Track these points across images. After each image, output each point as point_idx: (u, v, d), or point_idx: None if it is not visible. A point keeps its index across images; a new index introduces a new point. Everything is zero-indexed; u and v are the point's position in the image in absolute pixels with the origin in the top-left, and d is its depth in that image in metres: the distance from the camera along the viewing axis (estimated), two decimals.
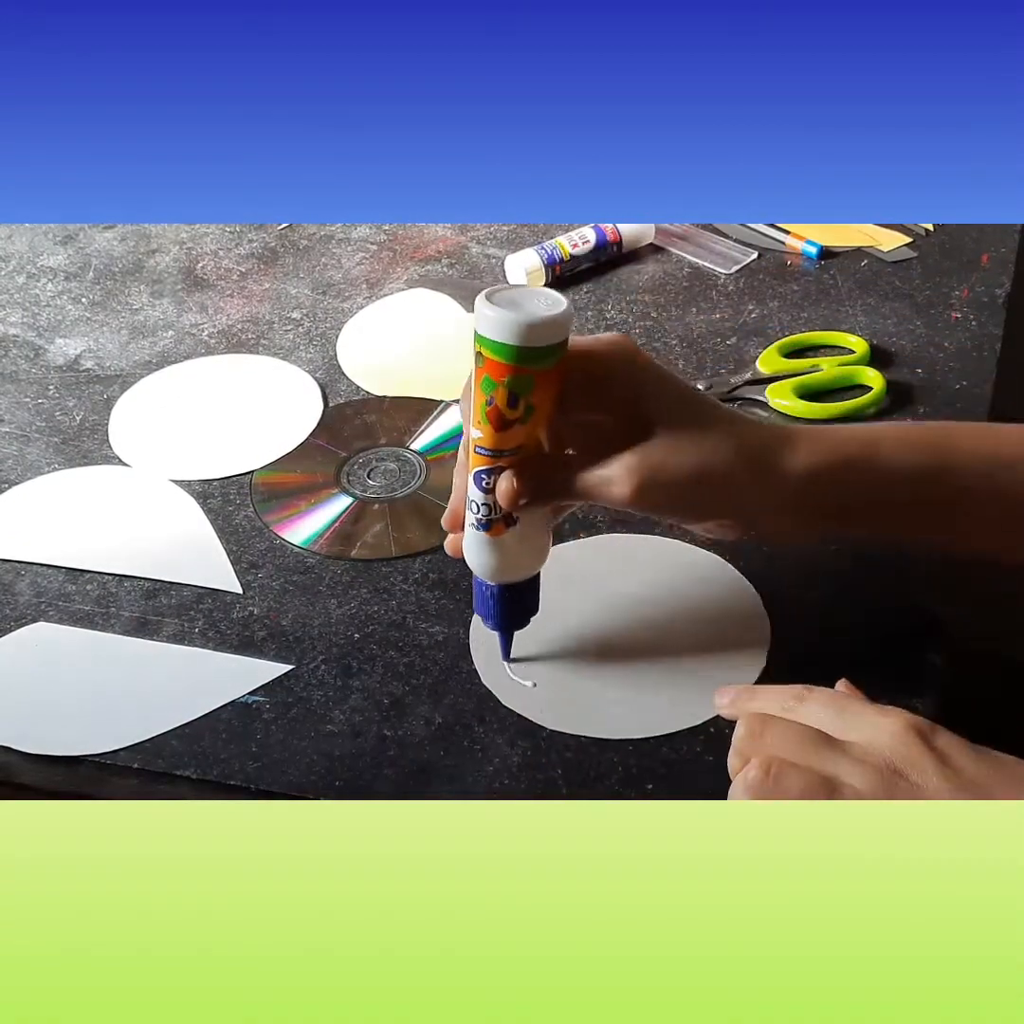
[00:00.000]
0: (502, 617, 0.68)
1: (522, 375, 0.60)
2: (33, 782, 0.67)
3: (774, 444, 0.64)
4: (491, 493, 0.63)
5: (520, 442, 0.62)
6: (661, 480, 0.62)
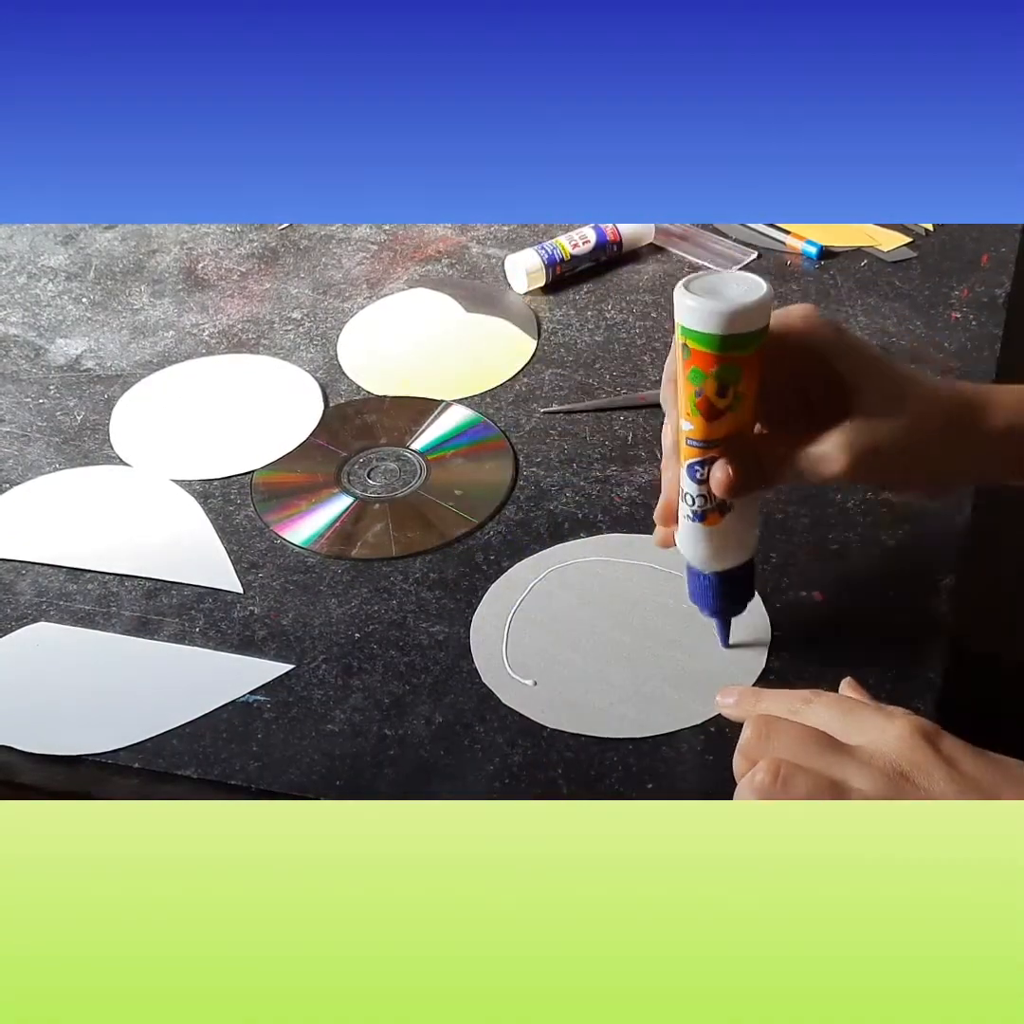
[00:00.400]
0: (719, 604, 0.68)
1: (731, 363, 0.60)
2: (33, 782, 0.67)
3: (974, 404, 0.64)
4: (705, 484, 0.63)
5: (730, 430, 0.62)
6: (873, 453, 0.62)
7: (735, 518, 0.65)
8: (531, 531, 0.79)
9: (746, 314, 0.59)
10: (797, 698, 0.61)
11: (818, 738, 0.57)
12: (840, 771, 0.55)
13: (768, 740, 0.58)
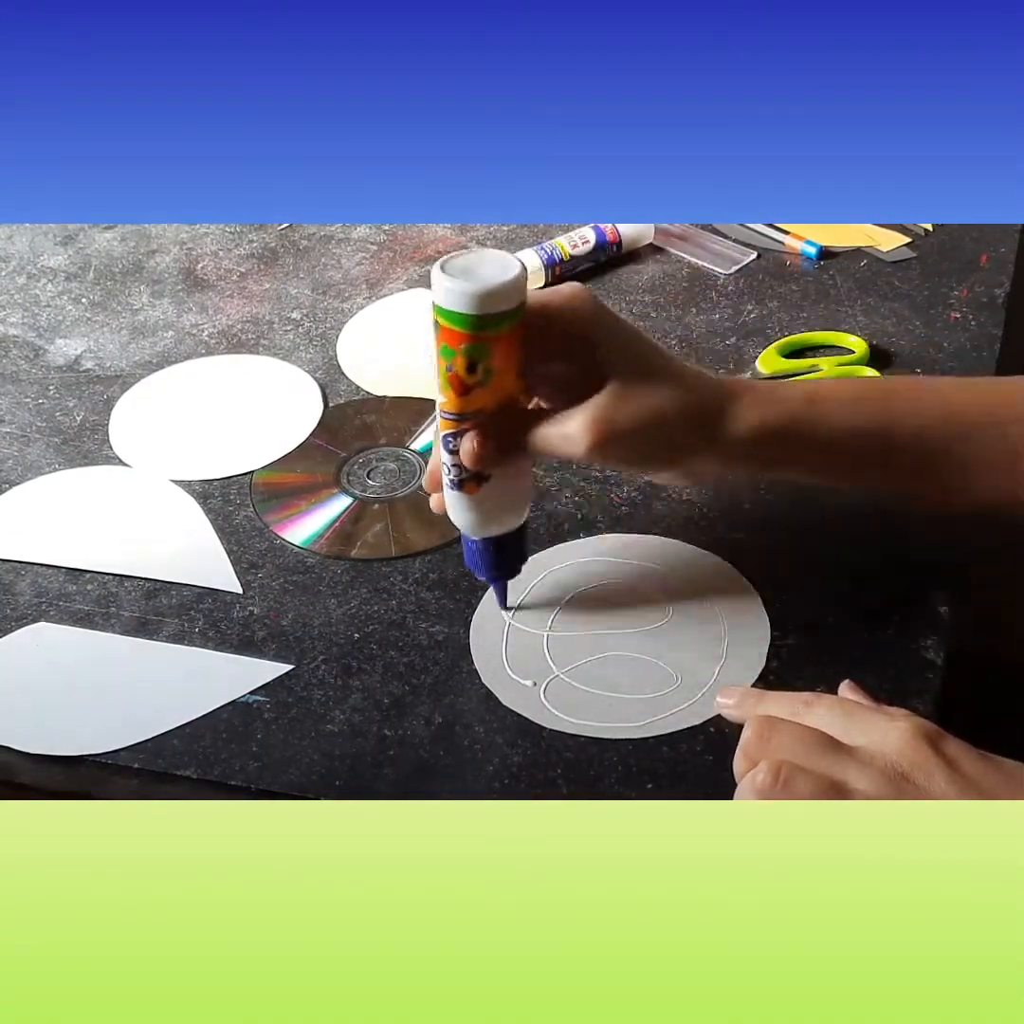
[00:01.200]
0: (490, 568, 0.71)
1: (479, 342, 0.61)
2: (33, 782, 0.67)
3: (721, 399, 0.65)
4: (458, 454, 0.65)
5: (482, 405, 0.64)
6: (614, 434, 0.63)
7: (494, 488, 0.66)
8: (531, 531, 0.79)
9: (493, 294, 0.60)
10: (798, 700, 0.61)
11: (819, 739, 0.57)
12: (841, 771, 0.55)
13: (769, 741, 0.58)
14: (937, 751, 0.55)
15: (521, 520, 0.70)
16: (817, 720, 0.59)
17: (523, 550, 0.71)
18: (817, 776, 0.55)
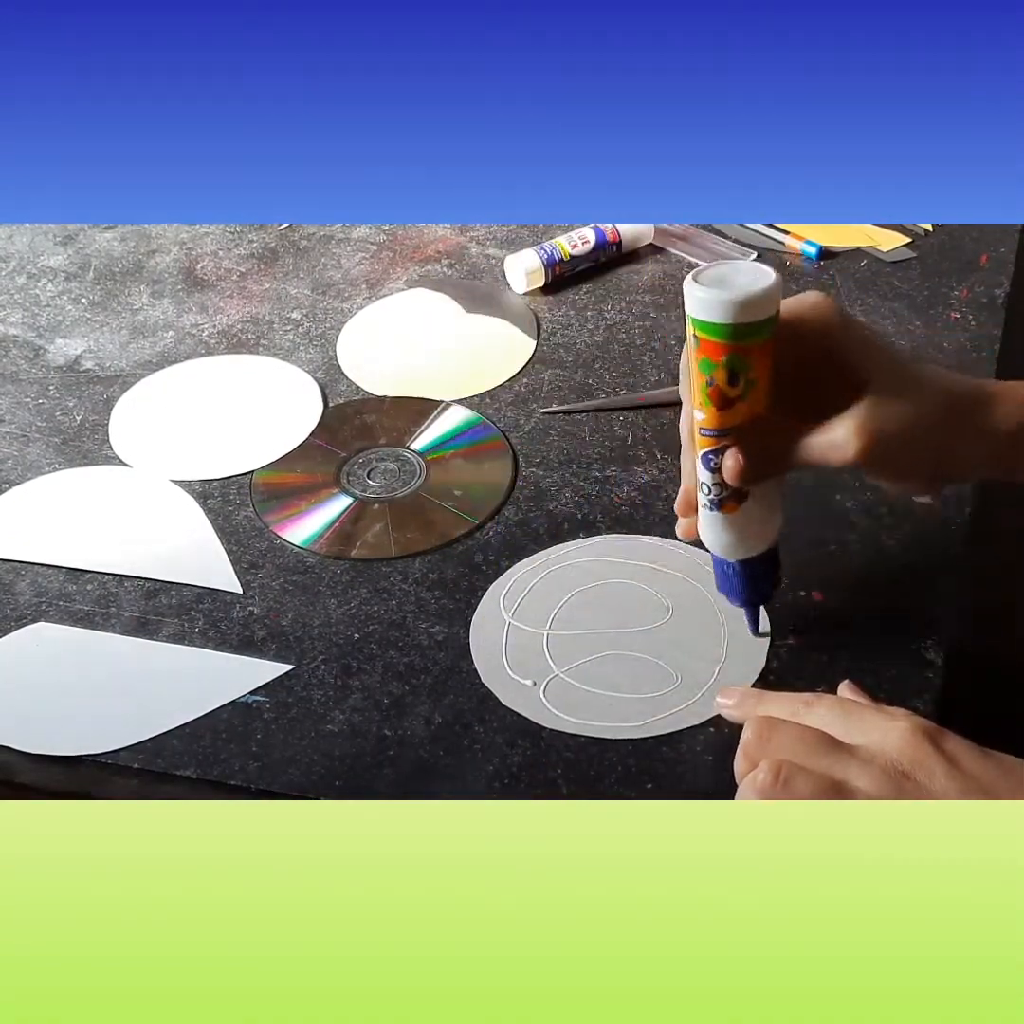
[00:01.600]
0: (745, 592, 0.69)
1: (740, 352, 0.61)
2: (33, 782, 0.67)
3: (982, 399, 0.65)
4: (719, 472, 0.64)
5: (743, 418, 0.63)
6: (883, 439, 0.62)
7: (753, 506, 0.65)
8: (530, 531, 0.79)
9: (753, 302, 0.59)
10: (798, 700, 0.61)
11: (819, 738, 0.57)
12: (842, 771, 0.55)
13: (769, 741, 0.58)
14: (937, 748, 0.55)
15: (774, 540, 0.68)
16: (817, 720, 0.59)
17: (777, 571, 0.69)
18: (818, 776, 0.55)
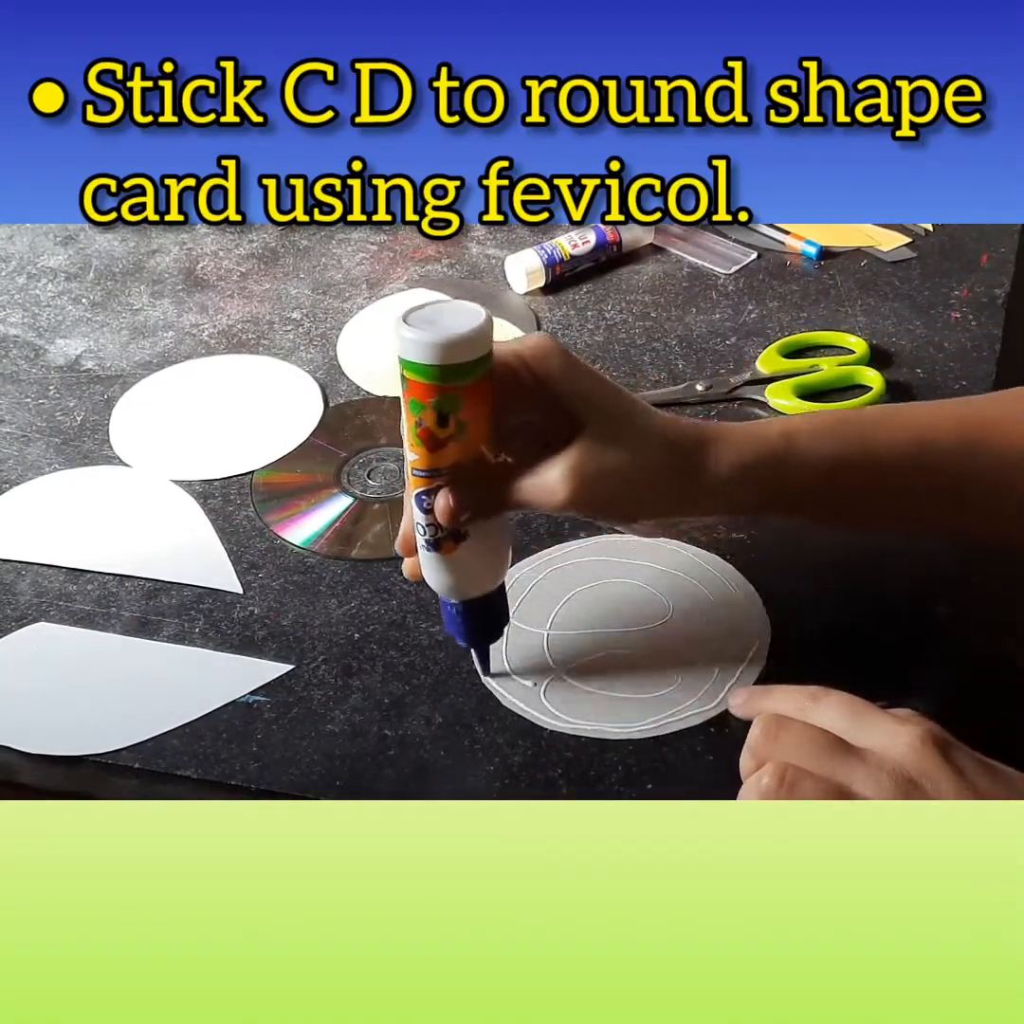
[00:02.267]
0: (471, 633, 0.68)
1: (449, 393, 0.59)
2: (33, 782, 0.67)
3: (699, 443, 0.64)
4: (433, 513, 0.62)
5: (456, 459, 0.61)
6: (594, 482, 0.61)
7: (473, 546, 0.64)
8: (531, 531, 0.79)
9: (459, 344, 0.58)
10: (805, 694, 0.60)
11: (826, 740, 0.57)
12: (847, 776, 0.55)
13: (776, 740, 0.57)
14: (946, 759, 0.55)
15: (501, 580, 0.67)
16: (824, 717, 0.58)
17: (505, 610, 0.68)
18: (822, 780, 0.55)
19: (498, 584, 0.67)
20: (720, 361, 0.92)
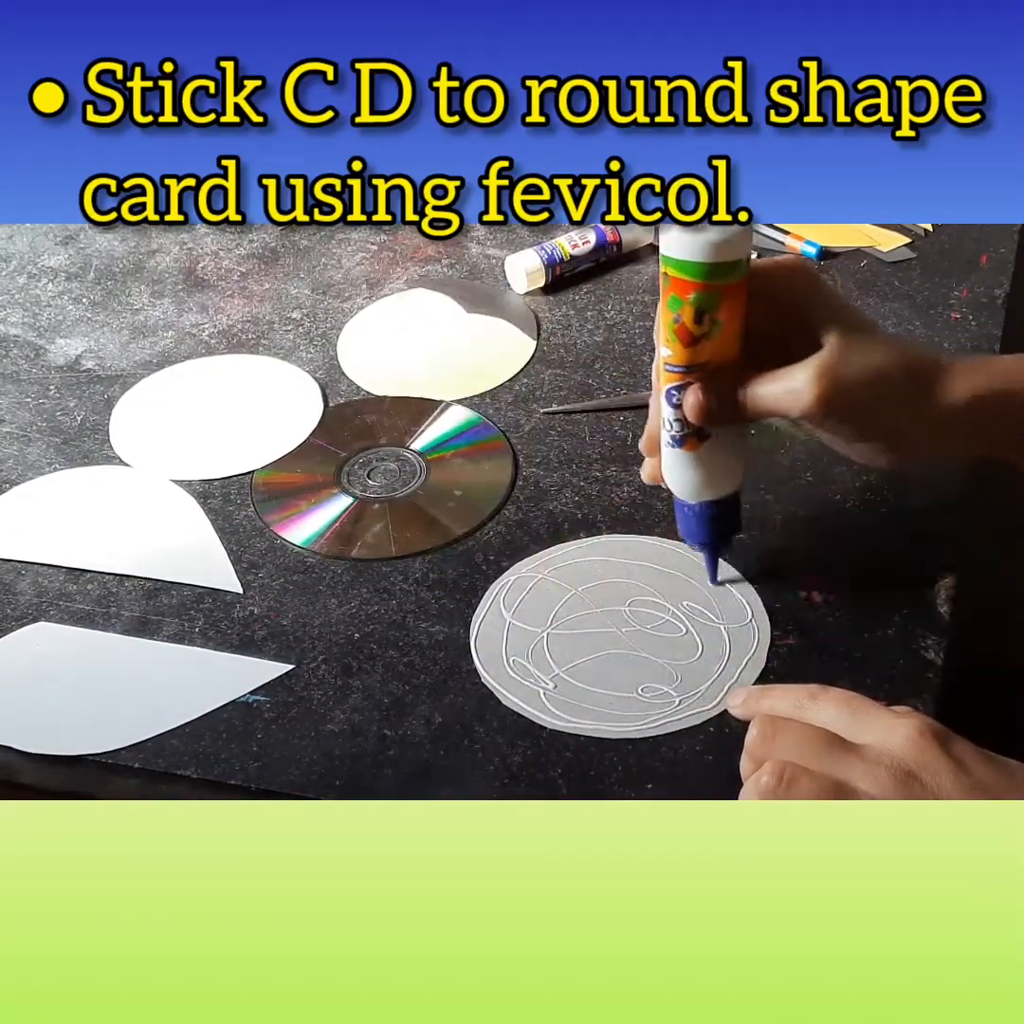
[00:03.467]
0: (702, 535, 0.71)
1: (707, 291, 0.62)
2: (33, 782, 0.67)
3: (936, 368, 0.66)
4: (681, 408, 0.65)
5: (708, 358, 0.64)
6: (843, 386, 0.63)
7: (715, 446, 0.67)
8: (531, 531, 0.79)
9: (723, 243, 0.62)
10: (803, 693, 0.60)
11: (823, 738, 0.57)
12: (845, 772, 0.55)
13: (773, 741, 0.57)
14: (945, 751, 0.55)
15: (738, 485, 0.70)
16: (822, 716, 0.58)
17: (738, 519, 0.71)
18: (821, 777, 0.55)
19: (734, 490, 0.70)
20: None
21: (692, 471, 0.68)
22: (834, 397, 0.63)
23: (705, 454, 0.67)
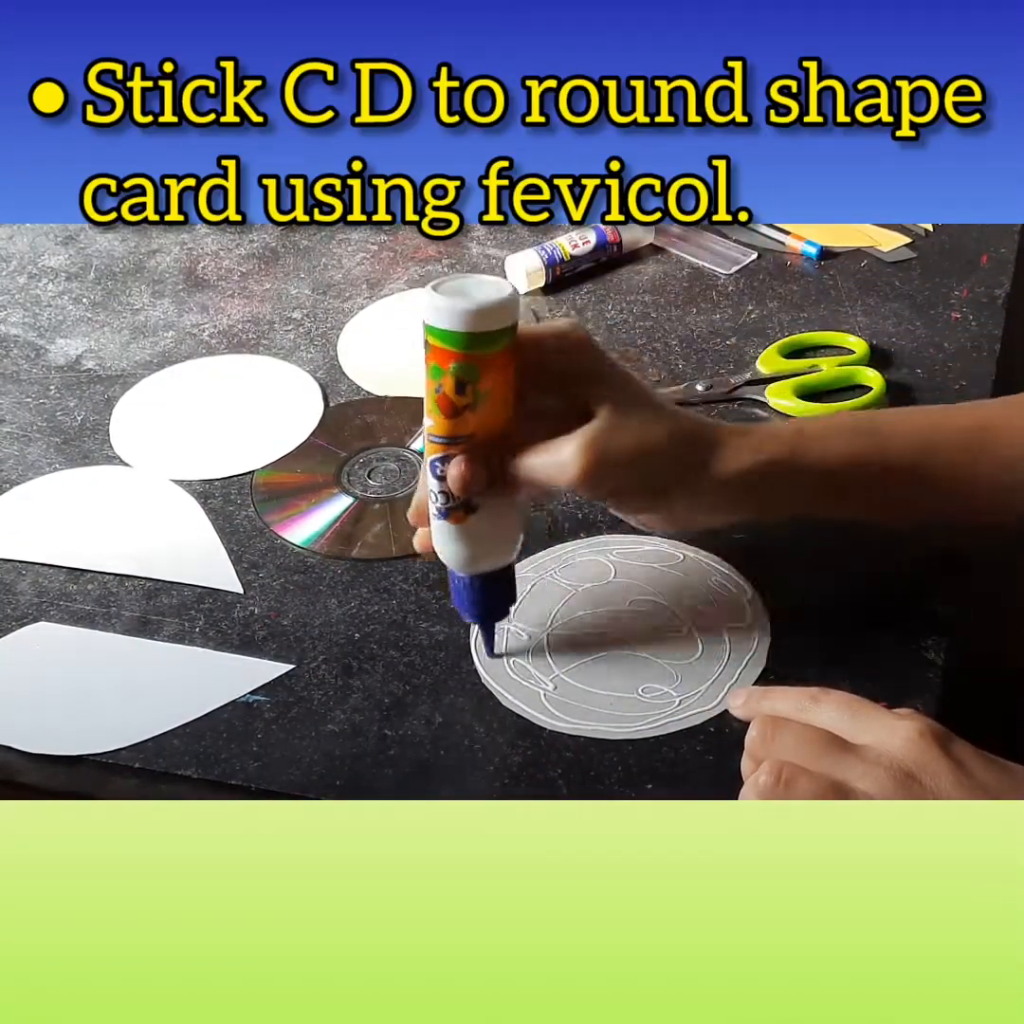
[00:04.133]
0: (477, 608, 0.68)
1: (468, 362, 0.60)
2: (33, 782, 0.67)
3: (712, 436, 0.65)
4: (446, 480, 0.63)
5: (472, 429, 0.62)
6: (607, 460, 0.62)
7: (484, 519, 0.64)
8: (531, 531, 0.79)
9: (482, 313, 0.59)
10: (804, 695, 0.60)
11: (823, 738, 0.57)
12: (844, 772, 0.55)
13: (773, 741, 0.57)
14: (945, 752, 0.55)
15: (511, 557, 0.67)
16: (823, 717, 0.58)
17: (512, 591, 0.69)
18: (819, 777, 0.55)
19: (507, 563, 0.67)
20: (720, 361, 0.92)
21: (460, 544, 0.65)
22: (599, 471, 0.62)
23: (473, 527, 0.64)
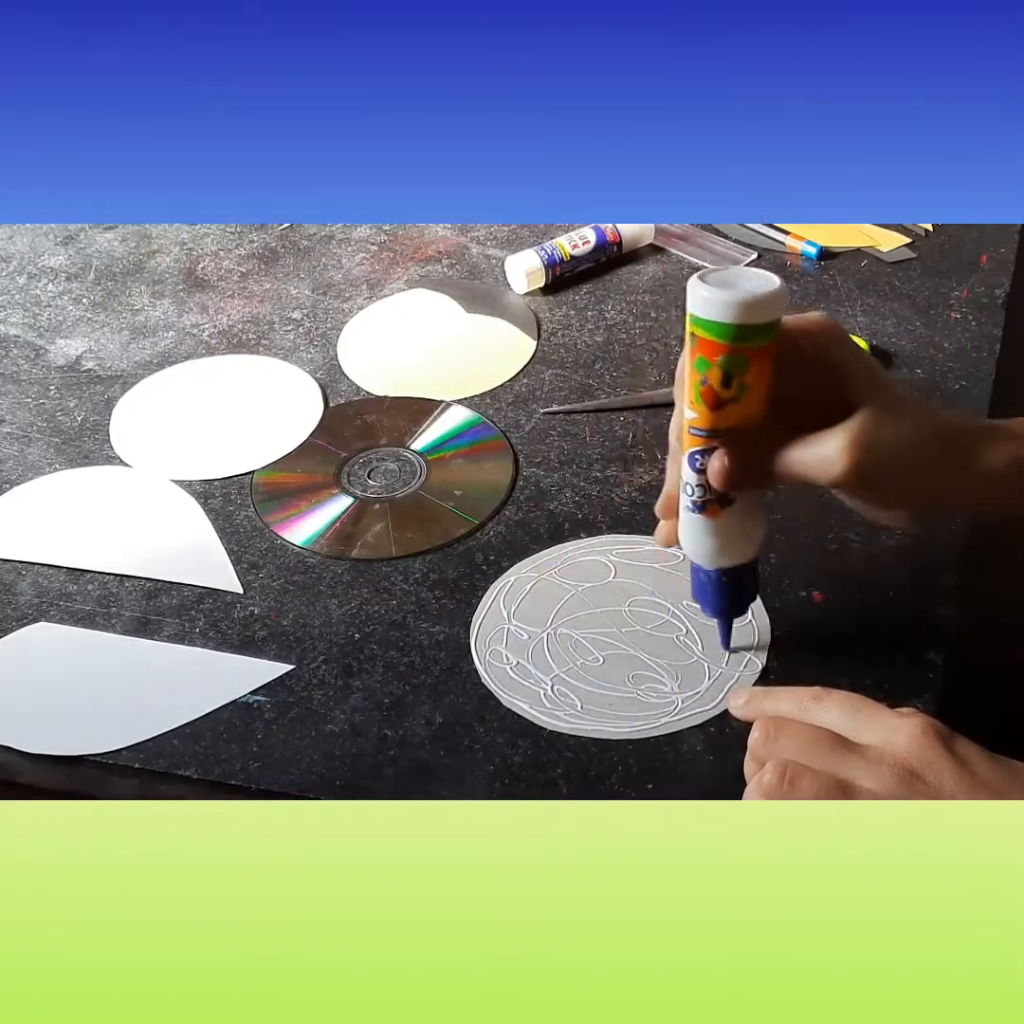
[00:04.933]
0: (720, 603, 0.68)
1: (736, 354, 0.60)
2: (33, 782, 0.67)
3: (971, 434, 0.64)
4: (705, 474, 0.63)
5: (734, 422, 0.62)
6: (876, 456, 0.61)
7: (736, 513, 0.64)
8: (531, 531, 0.79)
9: (752, 305, 0.59)
10: (807, 695, 0.60)
11: (826, 737, 0.57)
12: (848, 770, 0.55)
13: (776, 741, 0.57)
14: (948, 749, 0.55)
15: (755, 552, 0.67)
16: (826, 717, 0.58)
17: (756, 585, 0.68)
18: (823, 775, 0.55)
19: (751, 558, 0.67)
20: None
21: (711, 537, 0.65)
22: (867, 467, 0.61)
23: (726, 521, 0.64)
